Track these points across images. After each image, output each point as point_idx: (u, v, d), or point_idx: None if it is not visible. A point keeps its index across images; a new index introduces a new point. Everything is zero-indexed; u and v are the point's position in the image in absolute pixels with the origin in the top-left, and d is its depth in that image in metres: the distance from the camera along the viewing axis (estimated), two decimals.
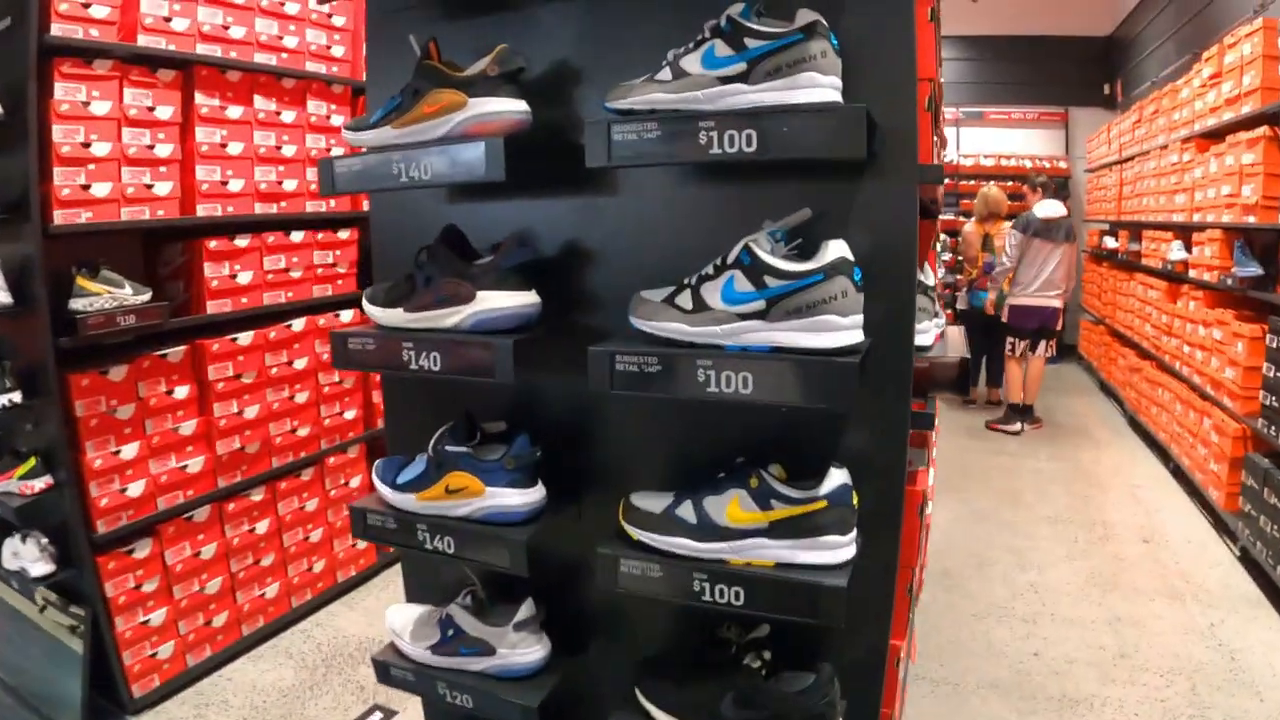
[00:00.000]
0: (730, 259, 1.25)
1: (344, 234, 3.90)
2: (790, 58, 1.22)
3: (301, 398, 3.68)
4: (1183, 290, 5.69)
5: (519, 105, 1.44)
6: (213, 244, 3.31)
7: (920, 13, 1.39)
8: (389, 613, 1.79)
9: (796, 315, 1.20)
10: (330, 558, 3.89)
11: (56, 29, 2.74)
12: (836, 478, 1.28)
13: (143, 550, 3.05)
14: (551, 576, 1.66)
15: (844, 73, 1.29)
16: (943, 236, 5.53)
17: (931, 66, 1.44)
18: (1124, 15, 9.50)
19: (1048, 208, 6.45)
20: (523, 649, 1.61)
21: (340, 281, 3.92)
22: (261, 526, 3.53)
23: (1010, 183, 9.28)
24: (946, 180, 9.62)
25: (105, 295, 2.87)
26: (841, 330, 1.20)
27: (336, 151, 3.86)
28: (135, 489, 3.00)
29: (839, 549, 1.29)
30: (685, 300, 1.28)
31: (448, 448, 1.52)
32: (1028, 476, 5.69)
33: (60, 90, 2.78)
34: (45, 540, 2.92)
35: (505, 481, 1.49)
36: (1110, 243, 8.12)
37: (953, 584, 4.05)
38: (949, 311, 8.39)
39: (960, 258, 7.66)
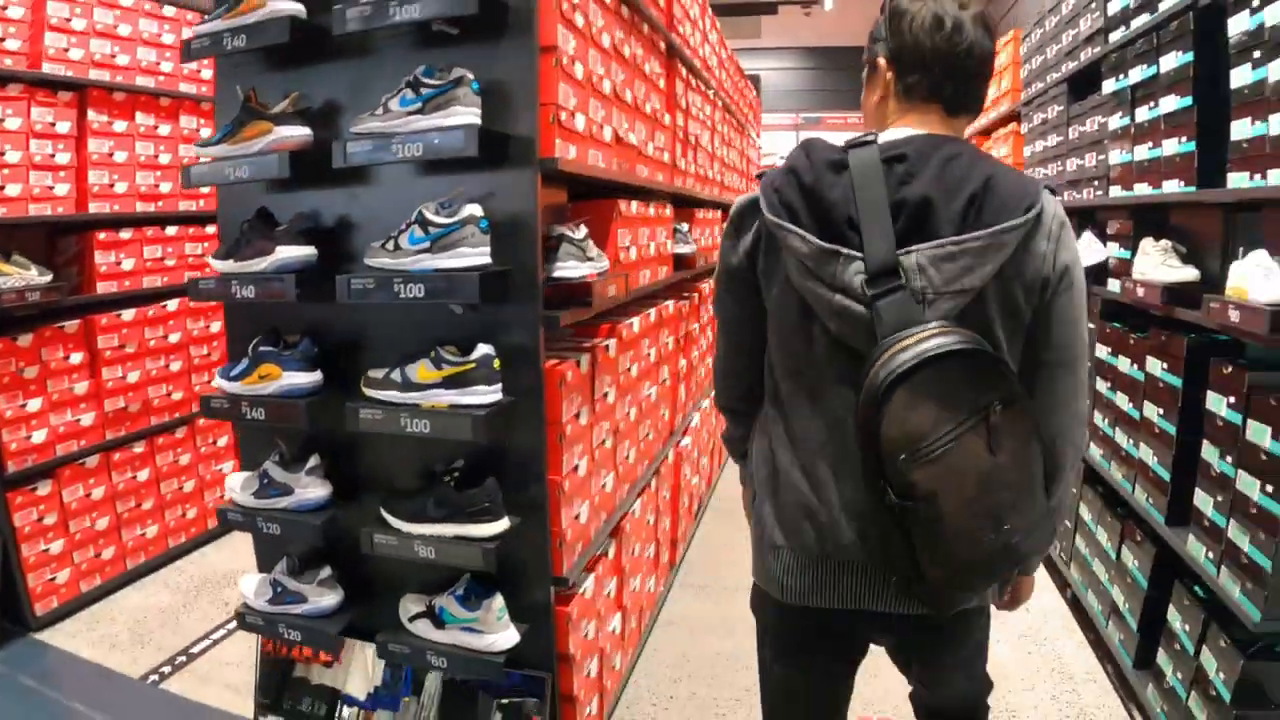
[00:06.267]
0: (412, 219, 2.10)
1: (210, 229, 4.58)
2: (447, 99, 2.07)
3: (175, 366, 4.37)
4: None
5: (305, 131, 2.26)
6: (102, 236, 4.02)
7: (545, 62, 2.21)
8: (228, 479, 2.54)
9: (447, 249, 2.05)
10: (201, 506, 4.54)
11: None
12: (483, 349, 2.12)
13: (44, 489, 3.66)
14: (324, 439, 2.45)
15: (496, 100, 2.13)
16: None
17: (554, 94, 2.23)
18: None
19: None
20: (311, 490, 2.37)
21: (208, 270, 4.56)
22: (142, 475, 4.18)
23: None
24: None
25: (16, 276, 3.50)
26: (473, 256, 2.05)
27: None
28: (38, 436, 3.64)
29: (487, 395, 2.12)
30: (390, 245, 2.12)
31: (261, 348, 2.32)
32: None
33: None
34: None
35: (296, 368, 2.28)
36: None
37: (737, 520, 4.83)
38: None
39: None
